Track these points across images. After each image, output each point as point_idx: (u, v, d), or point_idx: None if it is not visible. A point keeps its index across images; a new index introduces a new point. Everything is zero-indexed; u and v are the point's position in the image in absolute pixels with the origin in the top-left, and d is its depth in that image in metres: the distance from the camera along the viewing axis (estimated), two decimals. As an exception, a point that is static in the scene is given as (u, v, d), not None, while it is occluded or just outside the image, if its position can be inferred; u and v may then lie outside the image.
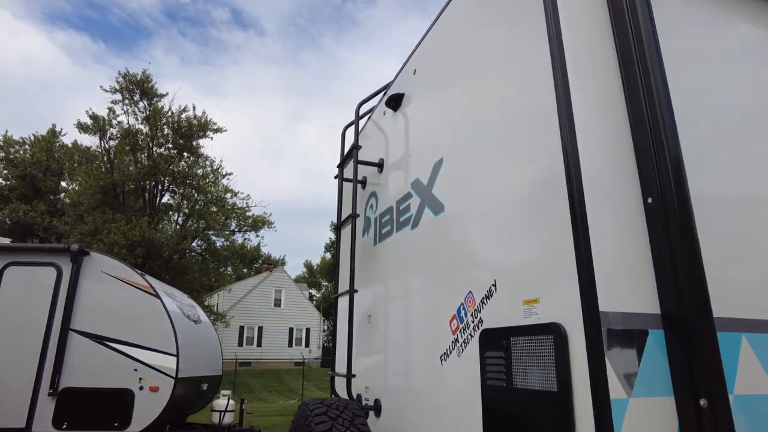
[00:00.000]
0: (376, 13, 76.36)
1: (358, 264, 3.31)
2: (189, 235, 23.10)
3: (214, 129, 23.85)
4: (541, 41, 1.73)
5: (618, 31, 1.76)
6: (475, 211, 2.05)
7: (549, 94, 1.67)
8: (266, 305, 33.94)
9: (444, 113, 2.44)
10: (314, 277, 59.00)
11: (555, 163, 1.60)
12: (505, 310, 1.77)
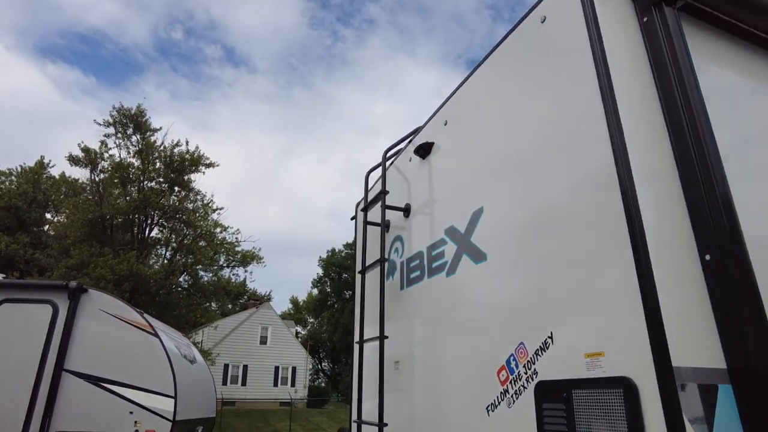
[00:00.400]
0: (366, 53, 78.49)
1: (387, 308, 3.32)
2: (177, 269, 22.78)
3: (206, 164, 23.94)
4: (594, 98, 1.83)
5: (665, 95, 1.87)
6: (524, 263, 2.10)
7: (605, 147, 1.75)
8: (252, 342, 33.26)
9: (483, 164, 2.52)
10: (300, 313, 58.14)
11: (616, 216, 1.66)
12: (564, 363, 1.80)
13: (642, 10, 2.01)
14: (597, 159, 1.79)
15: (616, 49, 1.89)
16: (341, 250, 53.23)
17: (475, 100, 2.70)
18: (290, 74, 78.55)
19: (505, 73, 2.47)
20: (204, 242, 24.89)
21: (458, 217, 2.67)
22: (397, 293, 3.28)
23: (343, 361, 50.36)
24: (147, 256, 23.27)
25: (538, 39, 2.23)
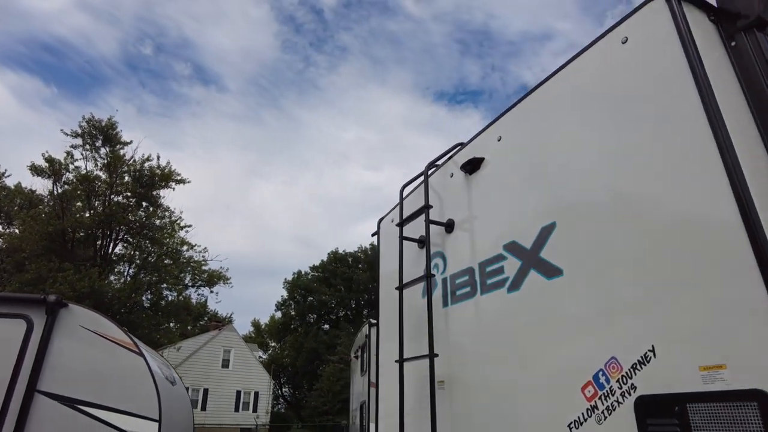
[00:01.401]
0: (338, 80, 79.16)
1: (422, 327, 3.26)
2: (141, 287, 21.85)
3: (177, 180, 23.31)
4: (699, 118, 1.87)
5: (761, 116, 1.93)
6: (614, 277, 2.09)
7: (716, 165, 1.79)
8: (213, 366, 32.04)
9: (552, 180, 2.53)
10: (261, 336, 56.59)
11: (736, 229, 1.68)
12: (672, 377, 1.78)
13: (729, 35, 2.09)
14: (710, 183, 1.81)
15: (713, 70, 1.95)
16: (307, 273, 52.46)
17: (539, 116, 2.72)
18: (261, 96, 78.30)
19: (576, 91, 2.51)
20: (170, 260, 24.04)
21: (521, 232, 2.65)
22: (439, 310, 3.21)
23: (305, 386, 49.11)
24: (109, 272, 22.24)
25: (617, 58, 2.28)
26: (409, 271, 3.54)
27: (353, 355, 9.31)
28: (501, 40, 76.78)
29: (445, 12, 75.64)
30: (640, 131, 2.14)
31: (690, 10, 2.07)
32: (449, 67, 78.63)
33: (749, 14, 2.04)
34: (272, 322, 55.71)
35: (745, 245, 1.65)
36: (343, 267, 50.49)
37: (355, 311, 51.33)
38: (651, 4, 2.13)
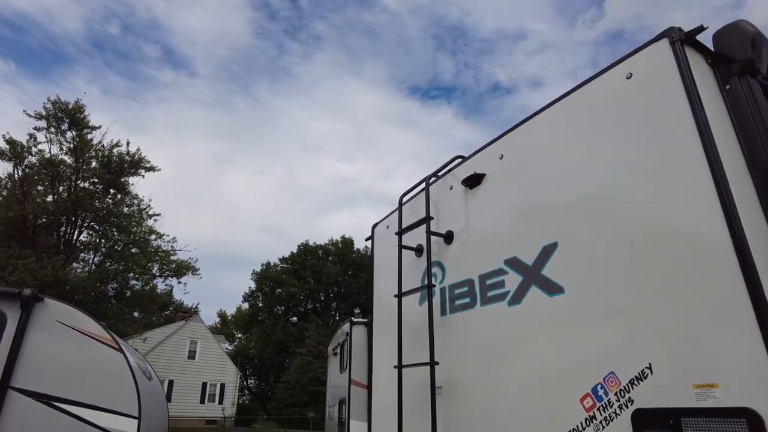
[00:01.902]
0: (312, 69, 78.29)
1: (418, 334, 3.39)
2: (107, 277, 21.29)
3: (147, 167, 22.72)
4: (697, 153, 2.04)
5: (750, 154, 2.13)
6: (615, 298, 2.26)
7: (711, 195, 1.96)
8: (179, 357, 31.56)
9: (555, 201, 2.68)
10: (228, 328, 55.93)
11: (723, 254, 1.86)
12: (667, 393, 1.96)
13: (725, 78, 2.28)
14: (706, 211, 1.99)
15: (710, 109, 2.13)
16: (276, 264, 52.09)
17: (542, 139, 2.87)
18: (232, 82, 76.72)
19: (580, 119, 2.66)
20: (137, 249, 23.47)
21: (523, 249, 2.80)
22: (437, 319, 3.34)
23: (271, 378, 48.90)
24: (73, 260, 21.58)
25: (621, 92, 2.44)
26: (406, 278, 3.66)
27: (331, 351, 9.38)
28: (475, 37, 77.55)
29: (421, 6, 75.85)
30: (640, 160, 2.30)
31: (691, 53, 2.24)
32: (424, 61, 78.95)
33: (743, 61, 2.23)
34: (239, 314, 55.15)
35: (737, 274, 1.83)
36: (314, 259, 50.34)
37: (325, 304, 51.33)
38: (655, 44, 2.30)
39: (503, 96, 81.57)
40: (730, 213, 1.91)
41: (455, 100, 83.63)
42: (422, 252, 3.70)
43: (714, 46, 2.33)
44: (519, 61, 77.83)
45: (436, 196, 3.67)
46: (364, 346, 7.74)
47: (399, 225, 3.76)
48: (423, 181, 3.75)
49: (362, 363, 7.65)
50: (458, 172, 3.52)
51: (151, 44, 66.29)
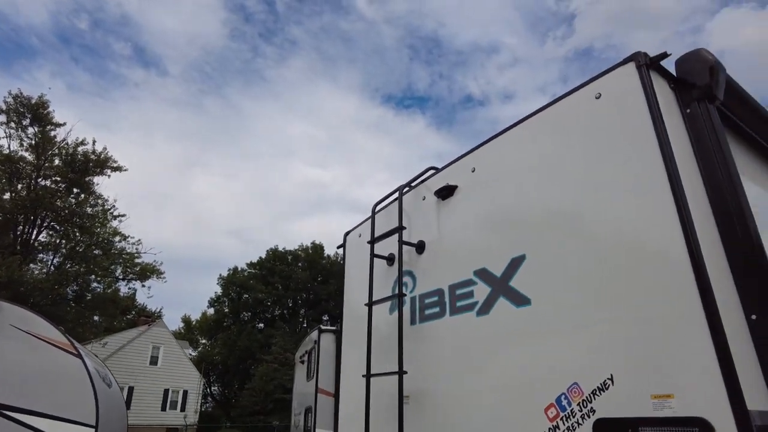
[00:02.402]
0: (287, 73, 77.86)
1: (388, 342, 3.42)
2: (67, 279, 20.56)
3: (113, 167, 22.13)
4: (658, 170, 2.14)
5: (707, 174, 2.24)
6: (580, 311, 2.33)
7: (671, 215, 2.06)
8: (141, 363, 30.64)
9: (524, 215, 2.75)
10: (192, 333, 54.66)
11: (684, 275, 1.95)
12: (627, 402, 2.03)
13: (686, 102, 2.40)
14: (666, 226, 2.08)
15: (672, 131, 2.23)
16: (243, 269, 51.29)
17: (513, 154, 2.94)
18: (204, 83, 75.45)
19: (550, 135, 2.74)
20: (100, 251, 22.77)
21: (492, 260, 2.86)
22: (407, 328, 3.37)
23: (235, 385, 47.97)
24: (30, 261, 20.75)
25: (590, 111, 2.54)
26: (377, 286, 3.68)
27: (298, 358, 9.30)
28: (450, 48, 78.67)
29: (397, 16, 76.53)
30: (606, 177, 2.39)
31: (655, 77, 2.35)
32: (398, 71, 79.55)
33: (702, 87, 2.35)
34: (204, 319, 53.96)
35: (693, 289, 1.92)
36: (282, 265, 49.77)
37: (292, 311, 50.79)
38: (623, 67, 2.40)
39: (475, 108, 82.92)
40: (687, 229, 2.00)
41: (429, 110, 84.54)
42: (394, 261, 3.73)
43: (676, 72, 2.45)
44: (491, 74, 79.36)
45: (409, 205, 3.71)
46: (332, 354, 7.71)
47: (371, 234, 3.78)
48: (396, 190, 3.78)
49: (330, 371, 7.63)
50: (431, 183, 3.57)
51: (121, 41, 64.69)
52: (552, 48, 74.20)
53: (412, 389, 3.14)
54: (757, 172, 2.86)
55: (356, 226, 4.45)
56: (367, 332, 3.49)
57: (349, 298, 4.34)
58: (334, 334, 7.85)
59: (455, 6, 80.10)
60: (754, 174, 2.77)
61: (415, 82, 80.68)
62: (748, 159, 2.80)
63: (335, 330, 8.02)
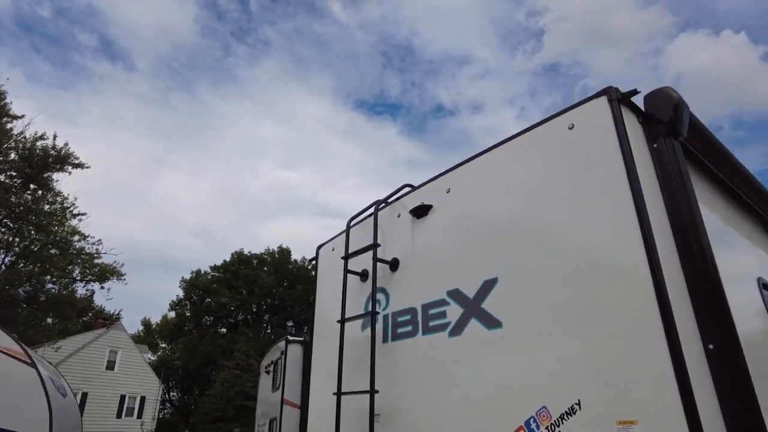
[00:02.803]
0: (258, 73, 77.04)
1: (359, 359, 3.43)
2: (20, 279, 19.68)
3: (74, 164, 21.35)
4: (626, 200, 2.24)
5: (671, 208, 2.35)
6: (549, 336, 2.40)
7: (638, 244, 2.15)
8: (96, 367, 29.56)
9: (498, 238, 2.82)
10: (152, 337, 53.13)
11: (648, 302, 2.04)
12: (593, 427, 2.11)
13: (653, 137, 2.51)
14: (631, 252, 2.17)
15: (639, 163, 2.34)
16: (207, 272, 50.25)
17: (488, 177, 3.01)
18: (173, 79, 73.86)
19: (524, 161, 2.82)
20: (57, 250, 21.90)
21: (465, 281, 2.91)
22: (378, 345, 3.38)
23: (195, 391, 46.81)
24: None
25: (564, 140, 2.63)
26: (349, 302, 3.68)
27: (264, 368, 9.17)
28: (422, 57, 79.52)
29: (371, 22, 76.90)
30: (576, 204, 2.48)
31: (625, 111, 2.46)
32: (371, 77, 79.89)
33: (667, 123, 2.47)
34: (165, 323, 52.53)
35: (657, 319, 2.01)
36: (247, 269, 49.00)
37: (256, 316, 50.01)
38: (596, 101, 2.50)
39: (446, 117, 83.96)
40: (653, 260, 2.10)
41: (400, 117, 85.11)
42: (367, 277, 3.74)
43: (644, 107, 2.56)
44: (462, 85, 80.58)
45: (384, 222, 3.73)
46: (299, 365, 7.64)
47: (346, 250, 3.78)
48: (372, 205, 3.80)
49: (296, 382, 7.55)
50: (407, 200, 3.61)
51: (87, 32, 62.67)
52: (521, 61, 76.03)
53: (382, 407, 3.15)
54: (717, 204, 3.01)
55: (329, 239, 4.44)
56: (339, 349, 3.49)
57: (320, 313, 4.32)
58: (301, 344, 7.78)
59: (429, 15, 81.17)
60: (714, 206, 2.92)
61: (387, 89, 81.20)
62: (708, 191, 2.95)
63: (303, 341, 7.95)
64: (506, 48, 79.51)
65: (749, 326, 2.56)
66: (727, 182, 3.18)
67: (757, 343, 2.56)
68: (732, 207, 3.38)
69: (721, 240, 2.75)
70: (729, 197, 3.36)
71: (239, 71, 75.90)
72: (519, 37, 76.92)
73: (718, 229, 2.81)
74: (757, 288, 3.05)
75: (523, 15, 74.15)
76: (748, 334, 2.29)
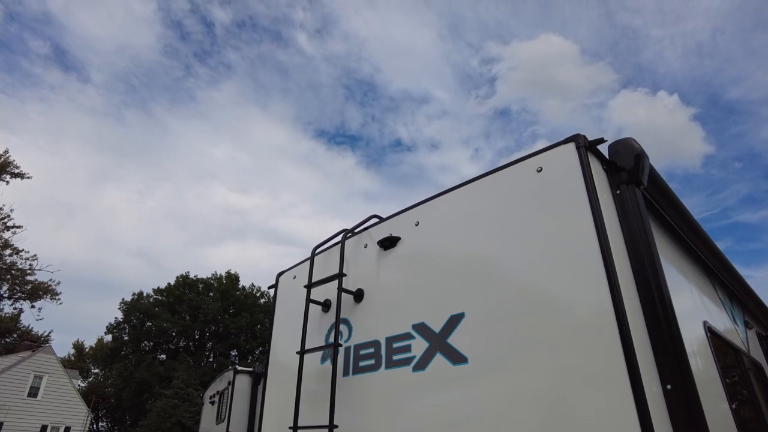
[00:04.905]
0: (217, 96, 76.01)
1: (318, 393, 3.34)
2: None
3: (13, 173, 20.15)
4: (591, 242, 2.33)
5: (634, 254, 2.46)
6: (513, 373, 2.42)
7: (602, 285, 2.22)
8: (17, 394, 27.25)
9: (465, 274, 2.85)
10: (83, 361, 49.85)
11: (612, 345, 2.11)
12: (557, 467, 2.12)
13: (616, 184, 2.64)
14: (596, 294, 2.25)
15: (604, 207, 2.45)
16: (149, 295, 47.96)
17: (456, 214, 3.06)
18: (128, 95, 71.56)
19: (493, 200, 2.90)
20: (-16, 265, 20.37)
21: (431, 316, 2.91)
22: (339, 379, 3.30)
23: (128, 421, 43.93)
24: None
25: (532, 182, 2.72)
26: (309, 333, 3.59)
27: (208, 399, 8.73)
28: (384, 94, 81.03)
29: (336, 56, 77.94)
30: (542, 244, 2.56)
31: (591, 158, 2.58)
32: (332, 108, 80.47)
33: (629, 171, 2.61)
34: (99, 346, 49.45)
35: (620, 360, 2.07)
36: (192, 293, 47.16)
37: (199, 343, 47.97)
38: (564, 146, 2.61)
39: (404, 152, 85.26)
40: (616, 300, 2.18)
41: (360, 149, 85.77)
42: (329, 307, 3.68)
43: (608, 155, 2.70)
44: (420, 123, 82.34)
45: (350, 252, 3.71)
46: (246, 396, 7.34)
47: (309, 278, 3.72)
48: (339, 233, 3.78)
49: (243, 414, 7.23)
50: (374, 231, 3.61)
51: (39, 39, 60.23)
52: (474, 105, 78.82)
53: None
54: (670, 251, 3.18)
55: (291, 267, 4.36)
56: (297, 382, 3.38)
57: (277, 342, 4.19)
58: (250, 375, 7.49)
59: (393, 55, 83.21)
60: (667, 253, 3.08)
61: (348, 121, 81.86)
62: (663, 238, 3.11)
63: (252, 371, 7.66)
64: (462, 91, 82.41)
65: (699, 366, 2.68)
66: (679, 231, 3.38)
67: (705, 380, 2.68)
68: (682, 255, 3.58)
69: (674, 285, 2.89)
70: (680, 246, 3.57)
71: (198, 92, 74.71)
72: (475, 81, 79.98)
73: (672, 275, 2.96)
74: (704, 330, 3.21)
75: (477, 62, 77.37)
76: (698, 373, 2.39)
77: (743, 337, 4.48)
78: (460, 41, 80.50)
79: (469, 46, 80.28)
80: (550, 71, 74.23)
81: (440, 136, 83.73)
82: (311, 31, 74.94)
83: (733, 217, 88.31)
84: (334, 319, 3.49)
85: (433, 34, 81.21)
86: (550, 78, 75.12)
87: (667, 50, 74.74)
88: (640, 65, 77.41)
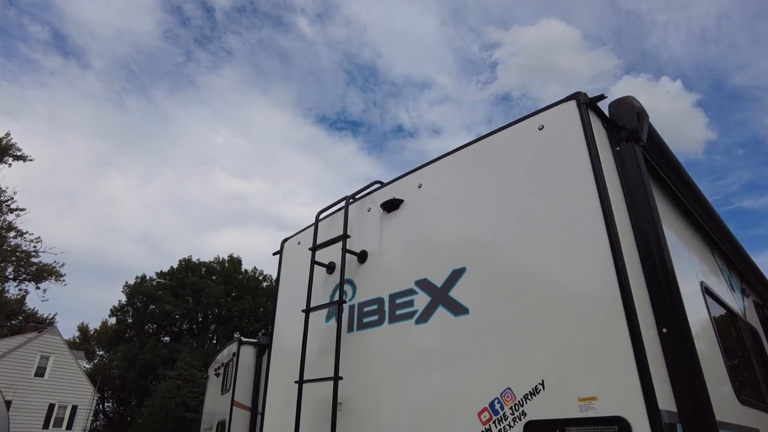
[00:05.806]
0: (218, 81, 75.56)
1: (323, 351, 3.44)
2: (-54, 275, 18.28)
3: (16, 156, 20.21)
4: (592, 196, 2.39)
5: (632, 206, 2.52)
6: (513, 321, 2.50)
7: (602, 236, 2.30)
8: (24, 374, 27.64)
9: (467, 231, 2.92)
10: (88, 343, 50.36)
11: (611, 292, 2.19)
12: (556, 405, 2.21)
13: (615, 141, 2.70)
14: (595, 241, 2.32)
15: (604, 163, 2.51)
16: (152, 278, 48.22)
17: (459, 174, 3.12)
18: (129, 81, 71.18)
19: (496, 159, 2.96)
20: (-11, 246, 20.54)
21: (434, 271, 3.00)
22: (344, 335, 3.40)
23: (133, 402, 44.54)
24: None
25: (533, 140, 2.78)
26: (314, 295, 3.68)
27: (213, 372, 8.90)
28: (385, 79, 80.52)
29: (337, 41, 77.36)
30: (542, 200, 2.63)
31: (592, 116, 2.63)
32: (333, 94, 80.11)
33: (629, 129, 2.67)
34: (104, 329, 49.92)
35: (618, 305, 2.15)
36: (195, 277, 47.37)
37: (202, 325, 48.34)
38: (565, 104, 2.67)
39: (405, 138, 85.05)
40: (616, 252, 2.25)
41: (361, 135, 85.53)
42: (334, 269, 3.77)
43: (609, 114, 2.75)
44: (422, 108, 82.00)
45: (354, 216, 3.78)
46: (250, 367, 7.48)
47: (314, 241, 3.80)
48: (342, 199, 3.85)
49: (247, 385, 7.38)
50: (377, 196, 3.68)
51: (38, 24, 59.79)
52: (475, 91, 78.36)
53: (345, 396, 3.17)
54: (668, 211, 3.25)
55: (295, 233, 4.44)
56: (303, 338, 3.48)
57: (282, 307, 4.29)
58: (254, 347, 7.64)
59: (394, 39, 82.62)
60: (665, 212, 3.14)
61: (349, 107, 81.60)
62: (661, 197, 3.18)
63: (255, 343, 7.81)
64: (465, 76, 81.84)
65: (695, 317, 2.76)
66: (676, 192, 3.44)
67: (700, 332, 2.77)
68: (682, 221, 3.65)
69: (673, 246, 2.96)
70: (679, 212, 3.63)
71: (199, 78, 74.33)
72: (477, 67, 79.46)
73: (671, 237, 3.02)
74: (700, 290, 3.29)
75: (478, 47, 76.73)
76: (693, 323, 2.47)
77: (740, 303, 4.57)
78: (462, 26, 79.88)
79: (471, 31, 79.65)
80: (552, 57, 73.70)
81: (442, 122, 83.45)
82: (312, 15, 74.39)
83: (736, 203, 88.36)
84: (338, 280, 3.58)
85: (434, 19, 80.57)
86: (551, 63, 74.60)
87: (671, 36, 74.16)
88: (644, 51, 76.83)
